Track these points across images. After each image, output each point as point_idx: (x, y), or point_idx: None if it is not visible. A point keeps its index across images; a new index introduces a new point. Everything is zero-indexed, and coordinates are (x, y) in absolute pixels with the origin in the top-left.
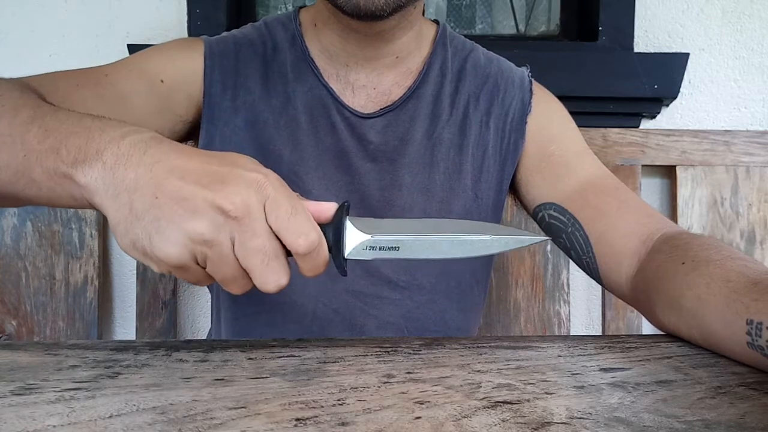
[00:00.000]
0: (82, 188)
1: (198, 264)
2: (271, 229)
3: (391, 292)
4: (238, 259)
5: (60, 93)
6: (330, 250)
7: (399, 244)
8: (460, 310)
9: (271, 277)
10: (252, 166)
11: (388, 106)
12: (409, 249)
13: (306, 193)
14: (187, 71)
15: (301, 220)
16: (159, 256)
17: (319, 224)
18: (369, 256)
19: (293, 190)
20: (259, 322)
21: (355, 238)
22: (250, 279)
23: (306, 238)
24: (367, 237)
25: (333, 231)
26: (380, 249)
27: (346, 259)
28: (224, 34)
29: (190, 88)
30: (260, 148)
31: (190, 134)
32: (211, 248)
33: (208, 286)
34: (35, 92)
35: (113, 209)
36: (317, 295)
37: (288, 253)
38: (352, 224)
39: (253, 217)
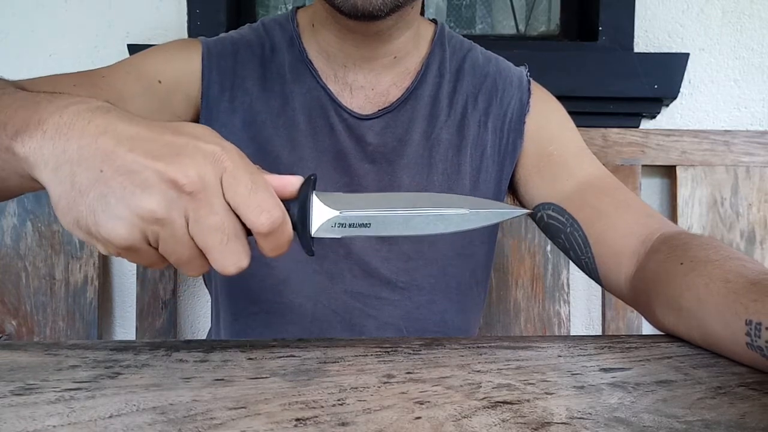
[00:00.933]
0: (21, 161)
1: (150, 245)
2: (230, 205)
3: (390, 293)
4: (193, 239)
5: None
6: (295, 228)
7: (370, 220)
8: (460, 311)
9: (231, 258)
10: (210, 137)
11: (386, 107)
12: (381, 225)
13: None
14: (185, 72)
15: (262, 195)
16: (105, 236)
17: (284, 200)
18: (338, 233)
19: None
20: (258, 322)
21: (322, 215)
22: (207, 260)
23: (268, 215)
24: (335, 213)
25: (298, 207)
26: (350, 226)
27: (313, 238)
28: (222, 35)
29: (188, 89)
30: (258, 149)
31: None
32: (163, 227)
33: (207, 286)
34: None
35: (54, 183)
36: (316, 296)
37: (248, 233)
38: (319, 200)
39: (210, 192)
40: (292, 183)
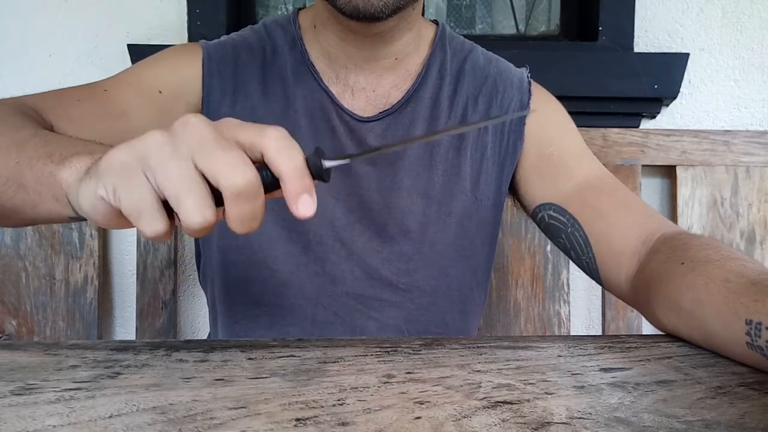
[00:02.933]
0: (62, 182)
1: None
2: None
3: (391, 295)
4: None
5: (62, 107)
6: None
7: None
8: (460, 312)
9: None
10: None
11: (387, 109)
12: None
13: None
14: (185, 79)
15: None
16: (78, 200)
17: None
18: (346, 160)
19: None
20: (259, 325)
21: (333, 162)
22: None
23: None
24: (346, 161)
25: (312, 153)
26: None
27: (327, 169)
28: (223, 38)
29: (189, 96)
30: None
31: None
32: (124, 172)
33: (204, 289)
34: (34, 111)
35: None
36: (317, 298)
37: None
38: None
39: (176, 145)
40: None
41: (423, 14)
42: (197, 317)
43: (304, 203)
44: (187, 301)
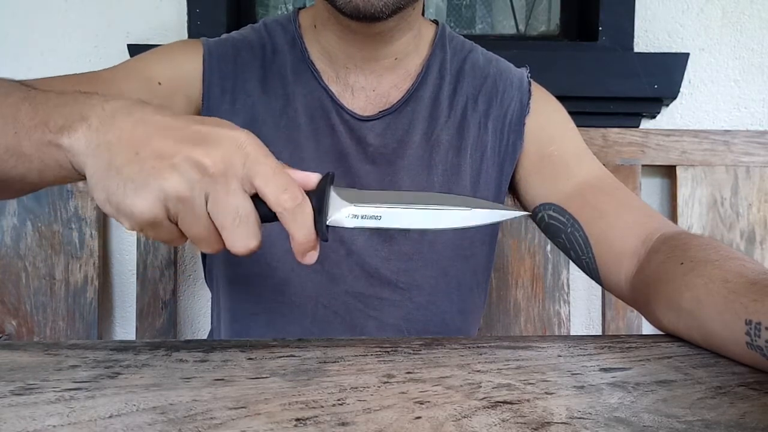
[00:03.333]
0: (66, 151)
1: (170, 221)
2: (254, 187)
3: (391, 294)
4: (210, 218)
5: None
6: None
7: (381, 213)
8: (460, 312)
9: (241, 238)
10: (234, 126)
11: (387, 108)
12: (390, 219)
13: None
14: (185, 73)
15: (284, 177)
16: (132, 211)
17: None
18: (351, 224)
19: None
20: (259, 323)
21: (337, 206)
22: (221, 240)
23: (290, 194)
24: (350, 206)
25: (316, 197)
26: (362, 218)
27: (329, 226)
28: (223, 36)
29: (188, 91)
30: None
31: None
32: (185, 204)
33: (208, 285)
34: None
35: (92, 165)
36: (317, 297)
37: (268, 219)
38: (336, 193)
39: (230, 175)
40: (311, 178)
41: (423, 14)
42: (197, 317)
43: (310, 257)
44: (187, 301)
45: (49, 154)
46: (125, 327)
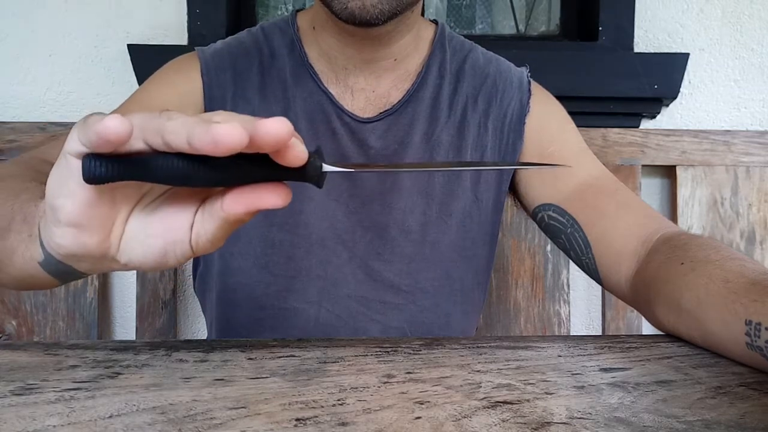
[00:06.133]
0: (38, 212)
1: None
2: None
3: (394, 297)
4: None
5: None
6: (306, 169)
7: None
8: (463, 313)
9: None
10: None
11: (387, 109)
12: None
13: (308, 198)
14: (187, 94)
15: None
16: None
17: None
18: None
19: (294, 195)
20: (262, 328)
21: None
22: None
23: (280, 120)
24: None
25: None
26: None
27: (324, 173)
28: (219, 44)
29: (192, 110)
30: None
31: None
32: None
33: (198, 297)
34: (48, 164)
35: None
36: (320, 301)
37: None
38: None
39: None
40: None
41: (423, 14)
42: (197, 317)
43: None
44: (187, 301)
45: (29, 223)
46: (125, 327)
